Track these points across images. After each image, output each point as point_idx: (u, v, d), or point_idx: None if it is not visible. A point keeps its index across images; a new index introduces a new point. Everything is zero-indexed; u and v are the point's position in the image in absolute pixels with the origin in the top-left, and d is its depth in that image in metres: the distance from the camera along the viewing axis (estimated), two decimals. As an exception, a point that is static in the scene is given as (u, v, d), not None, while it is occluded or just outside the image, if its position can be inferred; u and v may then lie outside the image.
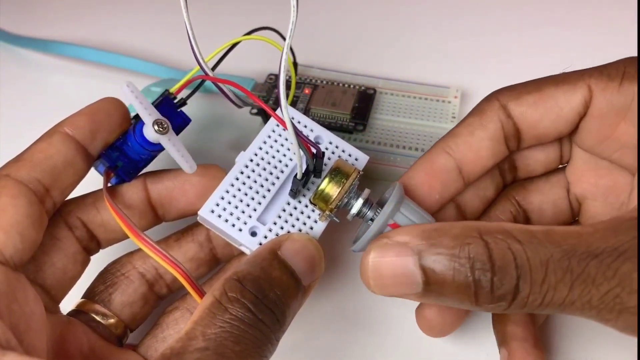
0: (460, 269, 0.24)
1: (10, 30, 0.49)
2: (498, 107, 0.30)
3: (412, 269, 0.25)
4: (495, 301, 0.24)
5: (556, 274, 0.23)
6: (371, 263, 0.26)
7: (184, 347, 0.24)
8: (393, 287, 0.26)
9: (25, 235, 0.26)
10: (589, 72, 0.30)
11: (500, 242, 0.24)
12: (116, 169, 0.30)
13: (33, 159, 0.28)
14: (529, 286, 0.23)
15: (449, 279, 0.24)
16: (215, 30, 0.40)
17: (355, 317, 0.35)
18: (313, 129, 0.32)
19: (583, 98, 0.29)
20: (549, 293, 0.23)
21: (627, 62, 0.29)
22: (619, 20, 0.48)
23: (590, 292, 0.23)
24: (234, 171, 0.30)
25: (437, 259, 0.24)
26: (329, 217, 0.29)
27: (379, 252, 0.26)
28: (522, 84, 0.31)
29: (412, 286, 0.25)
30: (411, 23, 0.51)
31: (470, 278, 0.24)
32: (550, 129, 0.30)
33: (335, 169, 0.28)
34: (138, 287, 0.31)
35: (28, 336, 0.25)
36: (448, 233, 0.25)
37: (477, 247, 0.24)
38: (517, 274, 0.23)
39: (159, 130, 0.28)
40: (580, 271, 0.23)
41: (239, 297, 0.25)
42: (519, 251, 0.24)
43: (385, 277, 0.26)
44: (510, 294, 0.24)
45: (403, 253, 0.25)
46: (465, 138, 0.31)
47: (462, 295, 0.24)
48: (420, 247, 0.25)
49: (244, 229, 0.29)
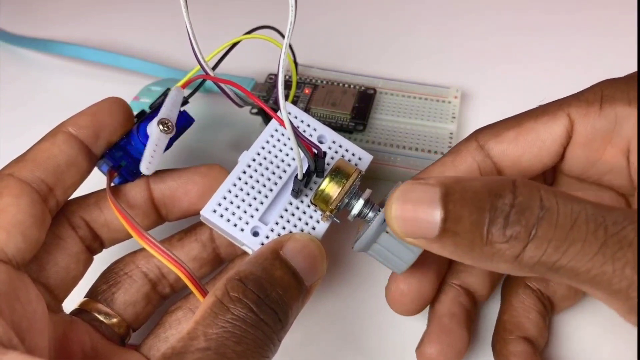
0: (480, 203, 0.23)
1: (10, 30, 0.49)
2: (475, 147, 0.30)
3: (434, 196, 0.24)
4: (507, 238, 0.22)
5: (588, 225, 0.22)
6: (400, 189, 0.25)
7: (185, 346, 0.24)
8: (413, 220, 0.24)
9: (28, 235, 0.26)
10: (567, 101, 0.30)
11: (530, 186, 0.23)
12: (119, 168, 0.30)
13: (36, 158, 0.28)
14: (552, 229, 0.22)
15: (466, 214, 0.23)
16: (216, 30, 0.40)
17: (356, 317, 0.35)
18: (316, 127, 0.32)
19: (564, 127, 0.29)
20: (576, 245, 0.22)
21: (603, 86, 0.29)
22: (619, 22, 0.49)
23: (626, 255, 0.21)
24: (236, 171, 0.30)
25: (461, 195, 0.23)
26: (330, 218, 0.29)
27: (406, 185, 0.25)
28: (501, 122, 0.31)
29: (430, 221, 0.24)
30: (411, 23, 0.51)
31: (488, 206, 0.23)
32: (533, 162, 0.30)
33: (335, 169, 0.28)
34: (141, 287, 0.31)
35: (30, 335, 0.25)
36: (478, 179, 0.24)
37: (504, 183, 0.23)
38: (540, 214, 0.22)
39: (164, 129, 0.28)
40: (615, 231, 0.21)
41: (241, 296, 0.25)
42: (549, 196, 0.22)
43: (408, 209, 0.24)
44: (527, 232, 0.22)
45: (428, 186, 0.24)
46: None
47: (475, 232, 0.23)
48: (447, 182, 0.24)
49: (246, 229, 0.29)
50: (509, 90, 0.44)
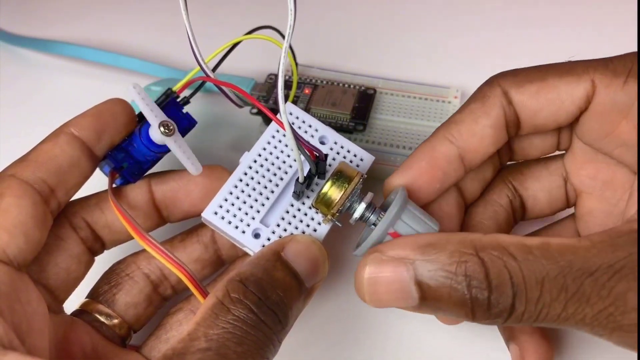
0: (456, 286, 0.24)
1: (10, 30, 0.49)
2: (500, 93, 0.30)
3: (408, 284, 0.25)
4: (492, 317, 0.24)
5: (551, 292, 0.23)
6: (366, 278, 0.26)
7: (186, 347, 0.24)
8: (389, 301, 0.26)
9: (29, 236, 0.26)
10: (594, 65, 0.29)
11: (496, 260, 0.24)
12: (121, 169, 0.30)
13: (38, 159, 0.28)
14: (524, 304, 0.23)
15: (445, 295, 0.24)
16: (215, 30, 0.40)
17: (357, 319, 0.35)
18: (318, 128, 0.31)
19: (586, 92, 0.29)
20: (544, 310, 0.23)
21: (634, 58, 0.29)
22: (621, 19, 0.48)
23: (584, 310, 0.23)
24: (237, 172, 0.30)
25: (433, 276, 0.24)
26: (332, 221, 0.29)
27: (374, 267, 0.26)
28: (525, 70, 0.30)
29: (408, 300, 0.25)
30: (411, 23, 0.51)
31: (467, 296, 0.24)
32: (549, 119, 0.30)
33: (337, 173, 0.28)
34: (142, 288, 0.31)
35: (30, 336, 0.25)
36: (444, 248, 0.25)
37: (474, 265, 0.24)
38: (513, 292, 0.23)
39: (165, 132, 0.28)
40: (575, 290, 0.23)
41: (242, 298, 0.25)
42: (515, 269, 0.24)
43: (381, 292, 0.26)
44: (507, 311, 0.24)
45: (398, 269, 0.25)
46: (469, 126, 0.30)
47: (459, 311, 0.24)
48: (416, 263, 0.25)
49: (247, 231, 0.29)
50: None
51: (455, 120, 0.30)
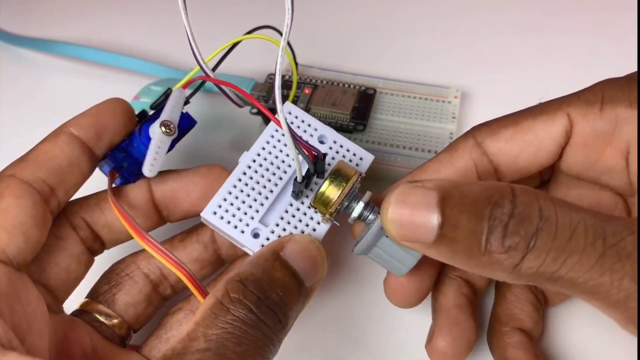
0: (478, 211, 0.23)
1: (10, 30, 0.49)
2: (472, 145, 0.30)
3: (432, 201, 0.23)
4: (506, 249, 0.22)
5: (587, 236, 0.21)
6: (397, 192, 0.25)
7: (185, 347, 0.24)
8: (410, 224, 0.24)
9: (29, 236, 0.26)
10: (567, 100, 0.29)
11: (529, 195, 0.23)
12: (121, 169, 0.30)
13: (38, 159, 0.28)
14: (551, 239, 0.22)
15: (464, 222, 0.23)
16: (215, 30, 0.40)
17: (357, 319, 0.35)
18: (317, 127, 0.31)
19: (563, 127, 0.29)
20: (574, 256, 0.21)
21: (604, 86, 0.29)
22: (619, 22, 0.48)
23: (624, 267, 0.21)
24: (236, 172, 0.30)
25: (459, 201, 0.23)
26: (330, 220, 0.29)
27: (408, 188, 0.25)
28: (499, 119, 0.30)
29: (427, 227, 0.24)
30: (411, 23, 0.51)
31: (487, 214, 0.23)
32: (530, 161, 0.30)
33: (335, 172, 0.28)
34: (142, 288, 0.31)
35: (30, 336, 0.25)
36: (477, 184, 0.24)
37: (503, 191, 0.23)
38: (539, 224, 0.22)
39: (166, 132, 0.28)
40: (614, 242, 0.21)
41: (241, 297, 0.25)
42: (548, 206, 0.22)
43: (405, 213, 0.24)
44: (526, 243, 0.22)
45: (429, 193, 0.24)
46: (431, 175, 0.30)
47: (473, 241, 0.23)
48: (445, 185, 0.24)
49: (246, 231, 0.29)
50: (508, 90, 0.44)
51: (421, 168, 0.31)
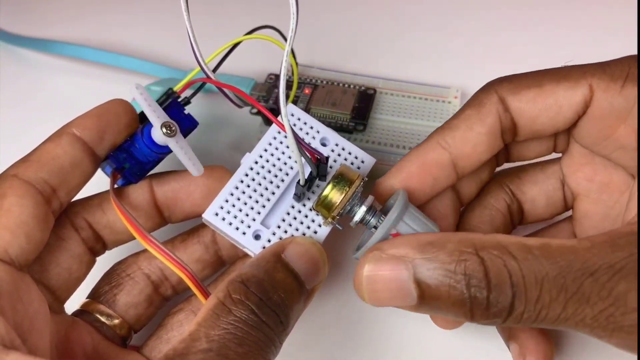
0: (455, 285, 0.24)
1: (10, 30, 0.49)
2: (497, 100, 0.30)
3: (407, 283, 0.25)
4: (490, 317, 0.24)
5: (550, 292, 0.23)
6: (365, 276, 0.26)
7: (187, 348, 0.24)
8: (387, 299, 0.26)
9: (31, 236, 0.26)
10: (591, 70, 0.29)
11: (496, 259, 0.24)
12: (123, 170, 0.30)
13: (40, 159, 0.28)
14: (523, 304, 0.23)
15: (444, 294, 0.24)
16: (216, 30, 0.40)
17: (357, 321, 0.35)
18: (319, 130, 0.31)
19: (583, 97, 0.28)
20: (543, 311, 0.23)
21: (631, 62, 0.28)
22: (620, 20, 0.49)
23: (584, 311, 0.23)
24: (238, 174, 0.30)
25: (432, 275, 0.24)
26: (332, 224, 0.29)
27: (373, 265, 0.26)
28: (521, 76, 0.30)
29: (406, 299, 0.25)
30: (411, 23, 0.51)
31: (467, 295, 0.24)
32: (547, 125, 0.30)
33: (338, 175, 0.28)
34: (143, 288, 0.31)
35: (32, 336, 0.25)
36: (444, 247, 0.25)
37: (473, 264, 0.24)
38: (513, 292, 0.23)
39: (167, 132, 0.28)
40: (574, 290, 0.23)
41: (243, 298, 0.25)
42: (515, 269, 0.23)
43: (380, 290, 0.26)
44: (505, 311, 0.24)
45: (397, 267, 0.25)
46: (463, 133, 0.30)
47: (457, 310, 0.24)
48: (415, 262, 0.25)
49: (247, 232, 0.29)
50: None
51: (449, 126, 0.30)
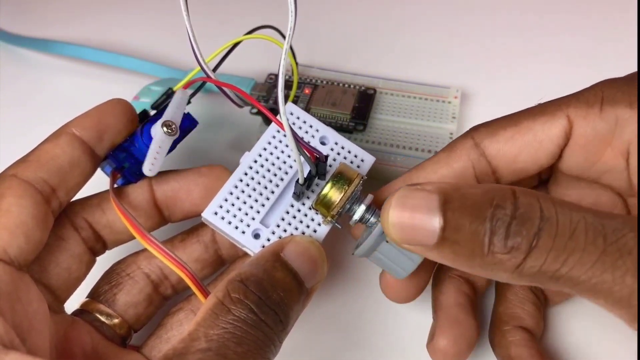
0: (480, 213, 0.23)
1: (10, 30, 0.49)
2: (470, 146, 0.30)
3: (433, 204, 0.24)
4: (508, 249, 0.22)
5: (587, 234, 0.22)
6: (397, 196, 0.25)
7: (186, 347, 0.24)
8: (411, 225, 0.24)
9: (30, 236, 0.26)
10: (566, 102, 0.29)
11: (529, 194, 0.23)
12: (122, 170, 0.30)
13: (39, 159, 0.28)
14: (552, 238, 0.22)
15: (466, 222, 0.23)
16: (216, 30, 0.40)
17: (357, 321, 0.35)
18: (319, 128, 0.31)
19: (563, 128, 0.29)
20: (575, 254, 0.22)
21: (604, 86, 0.29)
22: (619, 22, 0.49)
23: (625, 263, 0.21)
24: (237, 173, 0.30)
25: (461, 204, 0.23)
26: (331, 223, 0.29)
27: (408, 191, 0.25)
28: (498, 120, 0.30)
29: (429, 228, 0.24)
30: (411, 23, 0.51)
31: (489, 216, 0.23)
32: (529, 163, 0.30)
33: (337, 174, 0.28)
34: (143, 288, 0.31)
35: (31, 336, 0.25)
36: (478, 187, 0.24)
37: (504, 193, 0.23)
38: (540, 224, 0.22)
39: (167, 131, 0.28)
40: (614, 239, 0.21)
41: (242, 297, 0.25)
42: (549, 207, 0.22)
43: (407, 217, 0.24)
44: (528, 242, 0.22)
45: (431, 195, 0.24)
46: (428, 175, 0.30)
47: (475, 242, 0.23)
48: (448, 191, 0.24)
49: (247, 232, 0.29)
50: (509, 90, 0.44)
51: (419, 166, 0.31)
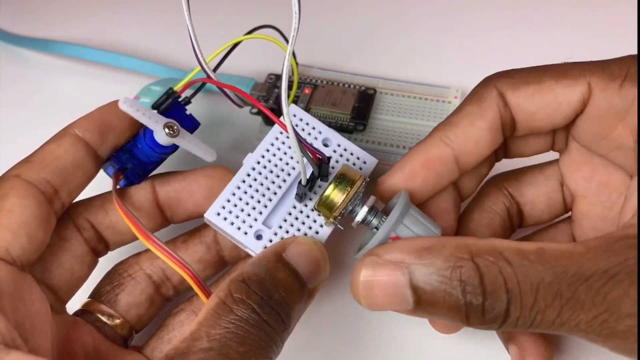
0: (451, 291, 0.24)
1: (10, 30, 0.49)
2: (496, 95, 0.29)
3: (403, 288, 0.25)
4: (486, 323, 0.24)
5: (546, 298, 0.23)
6: (362, 280, 0.26)
7: (188, 347, 0.24)
8: (384, 304, 0.26)
9: (33, 236, 0.26)
10: (590, 69, 0.29)
11: (491, 265, 0.24)
12: (125, 171, 0.30)
13: (42, 160, 0.28)
14: (518, 310, 0.24)
15: (440, 300, 0.24)
16: (216, 30, 0.40)
17: (358, 322, 0.35)
18: (321, 130, 0.31)
19: (582, 95, 0.28)
20: (538, 316, 0.23)
21: (631, 62, 0.28)
22: (622, 19, 0.48)
23: (578, 317, 0.23)
24: (240, 174, 0.30)
25: (428, 281, 0.24)
26: (333, 224, 0.29)
27: (370, 270, 0.26)
28: (521, 72, 0.30)
29: (402, 304, 0.25)
30: (411, 23, 0.51)
31: (462, 301, 0.24)
32: (545, 122, 0.30)
33: (340, 176, 0.28)
34: (145, 289, 0.31)
35: (33, 335, 0.25)
36: (440, 253, 0.25)
37: (469, 270, 0.24)
38: (508, 298, 0.23)
39: (170, 133, 0.28)
40: (569, 296, 0.23)
41: (244, 297, 0.25)
42: (510, 275, 0.24)
43: (376, 295, 0.26)
44: (501, 317, 0.24)
45: (394, 273, 0.25)
46: (465, 129, 0.30)
47: (454, 316, 0.24)
48: (411, 267, 0.25)
49: (249, 232, 0.29)
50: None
51: (450, 122, 0.30)
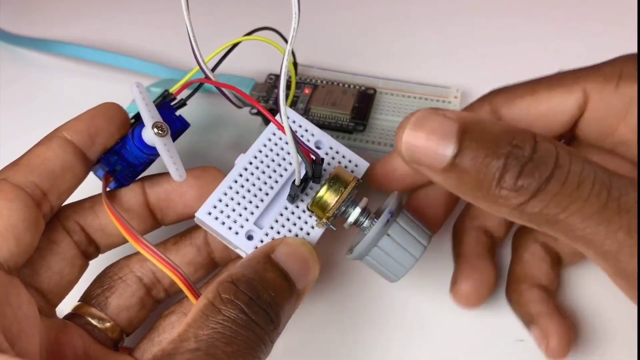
0: (497, 148, 0.23)
1: (10, 30, 0.49)
2: (488, 111, 0.30)
3: (451, 132, 0.24)
4: (516, 189, 0.23)
5: (593, 186, 0.22)
6: (415, 117, 0.25)
7: (176, 348, 0.24)
8: (424, 145, 0.25)
9: (21, 239, 0.26)
10: (584, 74, 0.29)
11: (548, 143, 0.23)
12: (115, 173, 0.30)
13: (30, 163, 0.28)
14: (560, 186, 0.22)
15: (481, 153, 0.23)
16: (215, 30, 0.40)
17: (350, 323, 0.35)
18: (314, 133, 0.31)
19: (577, 102, 0.29)
20: (577, 203, 0.22)
21: (624, 62, 0.29)
22: (620, 21, 0.48)
23: (621, 220, 0.22)
24: (232, 174, 0.30)
25: (480, 136, 0.24)
26: (325, 225, 0.29)
27: (426, 112, 0.25)
28: (516, 87, 0.30)
29: (444, 148, 0.24)
30: (411, 23, 0.51)
31: (505, 152, 0.23)
32: (543, 130, 0.30)
33: (334, 177, 0.28)
34: (135, 291, 0.31)
35: (20, 339, 0.25)
36: (498, 123, 0.24)
37: (525, 136, 0.23)
38: (553, 168, 0.23)
39: (158, 132, 0.28)
40: (617, 195, 0.22)
41: (232, 298, 0.25)
42: (564, 156, 0.23)
43: (421, 136, 0.25)
44: (540, 182, 0.23)
45: (448, 120, 0.24)
46: None
47: (485, 174, 0.23)
48: (467, 119, 0.24)
49: (240, 232, 0.29)
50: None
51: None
